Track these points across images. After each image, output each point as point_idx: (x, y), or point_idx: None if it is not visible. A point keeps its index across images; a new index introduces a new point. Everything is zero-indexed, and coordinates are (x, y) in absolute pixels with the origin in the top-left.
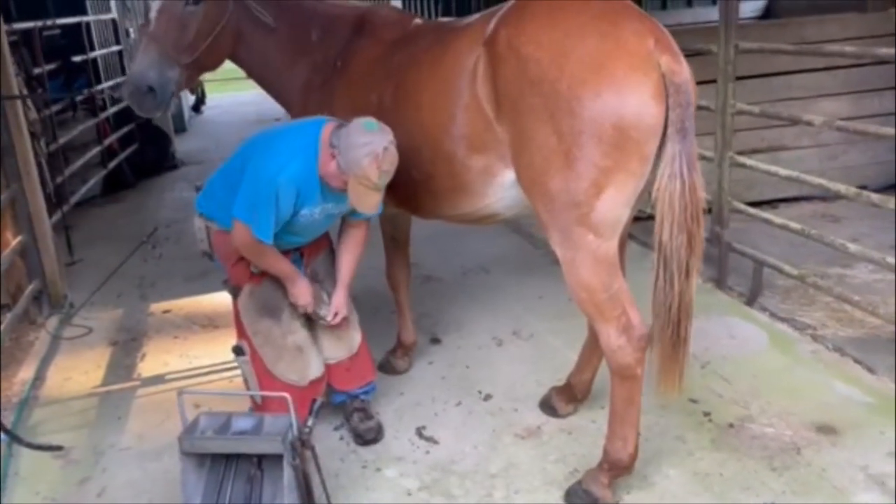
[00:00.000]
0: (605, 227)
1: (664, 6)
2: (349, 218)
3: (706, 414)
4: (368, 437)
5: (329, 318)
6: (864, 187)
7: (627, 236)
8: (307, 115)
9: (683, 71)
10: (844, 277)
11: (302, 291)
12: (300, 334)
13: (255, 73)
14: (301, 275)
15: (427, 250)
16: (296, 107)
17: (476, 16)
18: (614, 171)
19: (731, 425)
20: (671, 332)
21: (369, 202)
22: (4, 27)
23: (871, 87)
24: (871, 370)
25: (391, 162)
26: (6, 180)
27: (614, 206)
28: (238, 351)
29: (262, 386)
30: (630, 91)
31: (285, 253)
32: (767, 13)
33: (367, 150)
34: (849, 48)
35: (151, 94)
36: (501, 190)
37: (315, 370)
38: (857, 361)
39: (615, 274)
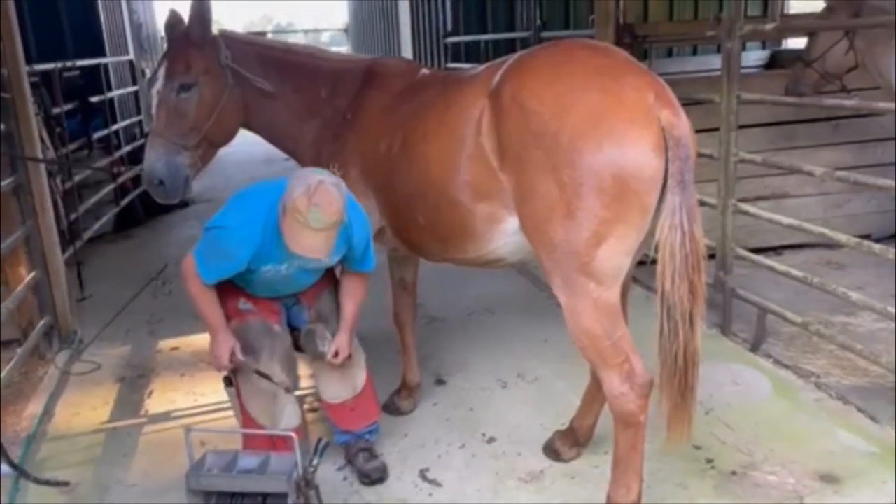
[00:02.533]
0: (606, 276)
1: (670, 54)
2: (347, 268)
3: (709, 461)
4: (375, 476)
5: (329, 356)
6: (867, 236)
7: (630, 282)
8: (318, 168)
9: (683, 124)
10: (848, 326)
11: (219, 349)
12: (277, 379)
13: (268, 136)
14: (226, 331)
15: (432, 291)
16: (308, 161)
17: (482, 67)
18: (615, 221)
19: (733, 473)
20: (678, 381)
21: (305, 242)
22: (25, 68)
23: (872, 136)
24: (874, 419)
25: (324, 197)
26: (22, 217)
27: (615, 255)
28: (228, 382)
29: (243, 421)
30: (630, 144)
31: (273, 300)
32: (772, 62)
33: (300, 181)
34: (848, 102)
35: (162, 186)
36: (506, 236)
37: (288, 420)
38: (860, 410)
39: (617, 321)
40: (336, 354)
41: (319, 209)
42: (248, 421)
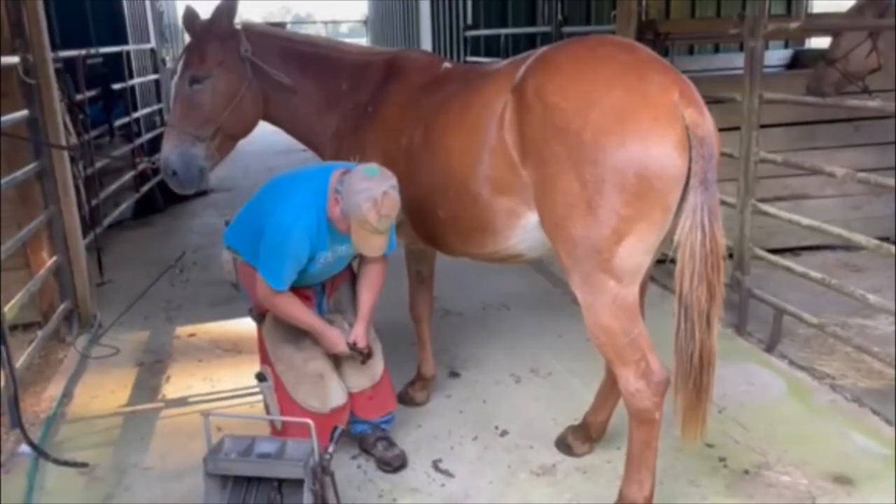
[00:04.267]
0: (625, 274)
1: (691, 52)
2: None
3: (721, 459)
4: (396, 463)
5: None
6: (886, 238)
7: (649, 280)
8: (339, 160)
9: (707, 123)
10: (865, 328)
11: (334, 341)
12: (321, 361)
13: (289, 128)
14: (328, 325)
15: (447, 285)
16: (329, 153)
17: (505, 62)
18: (636, 219)
19: (746, 472)
20: (693, 380)
21: (372, 245)
22: (51, 55)
23: (894, 139)
24: (889, 422)
25: (391, 206)
26: (45, 202)
27: (635, 253)
28: (261, 377)
29: (284, 412)
30: (654, 142)
31: (307, 287)
32: (794, 62)
33: (365, 195)
34: (871, 103)
35: (176, 177)
36: (525, 231)
37: (336, 398)
38: (875, 413)
39: (635, 319)
40: (354, 344)
41: (388, 218)
42: (292, 409)
